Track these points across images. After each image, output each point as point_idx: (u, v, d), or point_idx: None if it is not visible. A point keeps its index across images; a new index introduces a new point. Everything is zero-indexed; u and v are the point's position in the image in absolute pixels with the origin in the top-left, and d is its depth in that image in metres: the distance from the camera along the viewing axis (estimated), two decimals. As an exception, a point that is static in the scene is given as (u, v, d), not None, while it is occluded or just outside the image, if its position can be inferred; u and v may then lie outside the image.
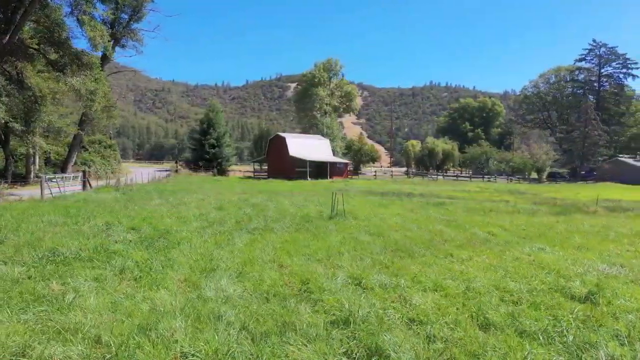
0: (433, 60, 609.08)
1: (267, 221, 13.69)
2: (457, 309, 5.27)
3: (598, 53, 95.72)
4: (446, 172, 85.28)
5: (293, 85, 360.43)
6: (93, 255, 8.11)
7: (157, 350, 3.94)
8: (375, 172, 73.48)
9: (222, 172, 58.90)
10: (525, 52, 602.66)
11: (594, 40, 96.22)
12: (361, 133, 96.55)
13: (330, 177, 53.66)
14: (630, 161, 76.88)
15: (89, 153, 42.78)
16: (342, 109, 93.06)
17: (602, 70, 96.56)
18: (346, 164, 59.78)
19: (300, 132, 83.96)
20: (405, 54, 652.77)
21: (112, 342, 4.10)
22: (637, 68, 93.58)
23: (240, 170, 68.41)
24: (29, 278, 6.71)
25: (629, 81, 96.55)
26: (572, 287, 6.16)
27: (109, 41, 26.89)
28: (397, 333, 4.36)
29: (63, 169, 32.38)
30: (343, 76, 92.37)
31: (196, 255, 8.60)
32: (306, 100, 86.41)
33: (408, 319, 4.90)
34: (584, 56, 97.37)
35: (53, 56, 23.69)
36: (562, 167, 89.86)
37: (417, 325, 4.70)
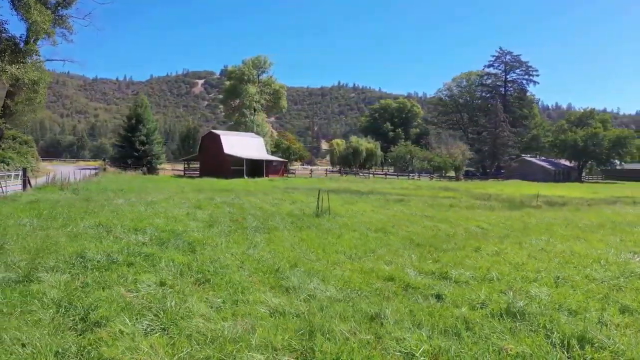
0: (341, 61, 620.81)
1: (261, 220, 13.46)
2: (583, 296, 5.65)
3: (504, 60, 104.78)
4: (369, 171, 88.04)
5: (201, 81, 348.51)
6: (130, 259, 7.52)
7: (378, 354, 3.82)
8: (311, 170, 74.16)
9: (152, 170, 55.77)
10: (425, 56, 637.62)
11: (500, 48, 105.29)
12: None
13: (266, 176, 53.14)
14: (534, 160, 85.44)
15: (3, 150, 38.42)
16: (268, 107, 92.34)
17: (508, 76, 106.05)
18: (282, 162, 59.69)
19: (213, 128, 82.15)
20: (314, 54, 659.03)
21: (299, 348, 3.92)
22: (538, 75, 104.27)
23: (170, 169, 65.31)
24: (87, 286, 6.09)
25: (530, 87, 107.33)
26: (641, 274, 6.88)
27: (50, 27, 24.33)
28: (575, 322, 4.62)
29: (-20, 167, 28.82)
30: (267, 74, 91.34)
31: (233, 257, 8.30)
32: (234, 97, 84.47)
33: (560, 308, 5.17)
34: (492, 62, 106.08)
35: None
36: (472, 165, 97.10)
37: (571, 314, 5.00)
